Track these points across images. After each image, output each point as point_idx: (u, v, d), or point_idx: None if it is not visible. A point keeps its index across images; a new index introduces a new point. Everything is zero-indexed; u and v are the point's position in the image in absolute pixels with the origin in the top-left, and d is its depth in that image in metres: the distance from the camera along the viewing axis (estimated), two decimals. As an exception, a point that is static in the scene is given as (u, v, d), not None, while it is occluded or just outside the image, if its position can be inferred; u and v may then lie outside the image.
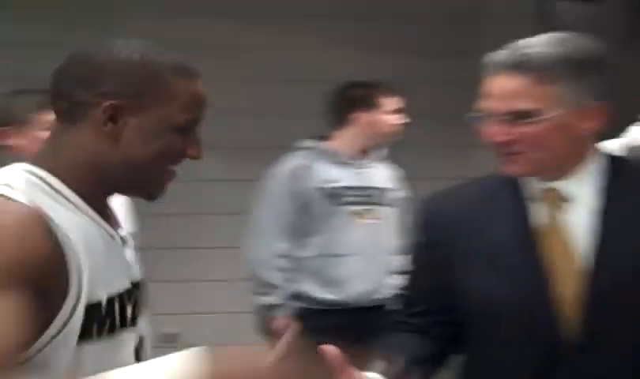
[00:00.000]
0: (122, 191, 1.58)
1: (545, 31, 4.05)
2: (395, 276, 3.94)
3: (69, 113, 1.49)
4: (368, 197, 3.82)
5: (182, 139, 1.51)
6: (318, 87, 4.88)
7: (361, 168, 3.85)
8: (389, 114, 3.83)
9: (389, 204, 3.89)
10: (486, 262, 1.80)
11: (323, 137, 3.86)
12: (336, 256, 3.75)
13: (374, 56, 4.97)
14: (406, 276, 2.02)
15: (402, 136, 3.90)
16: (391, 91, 3.86)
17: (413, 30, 5.07)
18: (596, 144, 1.83)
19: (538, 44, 1.77)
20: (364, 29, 5.03)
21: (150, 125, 1.48)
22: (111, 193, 1.56)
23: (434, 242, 1.90)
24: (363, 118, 3.82)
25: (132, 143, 1.47)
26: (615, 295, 1.72)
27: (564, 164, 1.79)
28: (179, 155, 1.52)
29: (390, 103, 3.84)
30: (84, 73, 1.48)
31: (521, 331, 1.78)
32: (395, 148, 3.95)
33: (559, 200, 1.80)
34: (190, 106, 1.51)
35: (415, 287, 1.99)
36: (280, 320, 3.67)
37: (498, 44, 5.57)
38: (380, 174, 3.91)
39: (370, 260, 3.79)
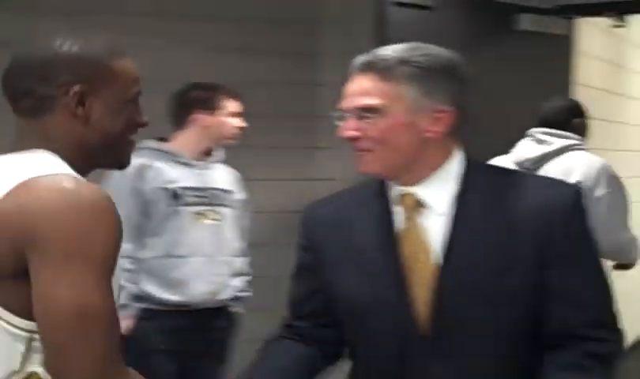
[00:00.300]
0: (100, 165, 1.73)
1: (381, 36, 4.16)
2: (237, 278, 3.97)
3: (35, 108, 1.65)
4: (210, 197, 3.83)
5: (136, 110, 1.74)
6: (159, 87, 4.84)
7: (202, 169, 3.85)
8: (229, 116, 3.85)
9: (231, 206, 3.91)
10: (353, 265, 1.91)
11: (163, 139, 3.85)
12: (177, 257, 3.73)
13: (216, 57, 4.96)
14: (292, 280, 2.10)
15: (241, 138, 3.93)
16: (232, 93, 3.88)
17: (253, 32, 5.09)
18: (456, 151, 1.92)
19: (391, 49, 1.87)
20: (206, 30, 5.02)
21: (111, 103, 1.68)
22: (91, 169, 1.72)
23: (311, 246, 2.00)
24: (204, 119, 3.82)
25: (102, 120, 1.67)
26: (460, 295, 1.81)
27: (415, 168, 1.87)
28: (138, 125, 1.74)
29: (231, 105, 3.86)
30: (39, 70, 1.64)
31: (382, 329, 1.87)
32: (233, 150, 3.97)
33: (415, 204, 1.89)
34: (133, 80, 1.73)
35: (297, 290, 2.08)
36: (123, 320, 3.63)
37: (336, 47, 5.73)
38: (221, 176, 3.92)
39: (211, 261, 3.80)
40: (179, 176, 3.77)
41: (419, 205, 1.89)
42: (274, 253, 3.99)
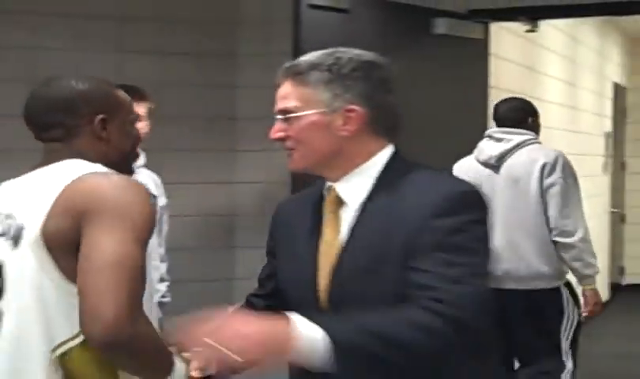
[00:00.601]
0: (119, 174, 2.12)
1: (298, 38, 4.18)
2: (161, 283, 3.94)
3: (64, 135, 2.13)
4: None
5: (136, 129, 2.26)
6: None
7: None
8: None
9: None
10: (290, 251, 2.15)
11: None
12: None
13: (133, 59, 4.92)
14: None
15: (161, 141, 3.89)
16: (140, 95, 3.69)
17: (170, 33, 5.06)
18: (383, 149, 2.06)
19: (308, 55, 2.05)
20: (122, 31, 4.98)
21: (124, 126, 2.19)
22: None
23: (272, 235, 2.26)
24: None
25: (119, 140, 2.18)
26: (351, 275, 2.00)
27: (337, 165, 2.04)
28: (139, 140, 2.28)
29: (137, 108, 3.73)
30: (64, 106, 2.13)
31: (300, 304, 2.02)
32: (153, 153, 3.93)
33: (335, 198, 2.07)
34: (131, 106, 2.24)
35: (262, 272, 2.32)
36: None
37: (253, 49, 5.72)
38: (145, 180, 3.87)
39: None
40: None
41: (338, 199, 2.06)
42: (199, 257, 3.97)
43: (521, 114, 4.56)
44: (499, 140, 4.43)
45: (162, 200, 3.94)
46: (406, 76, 4.60)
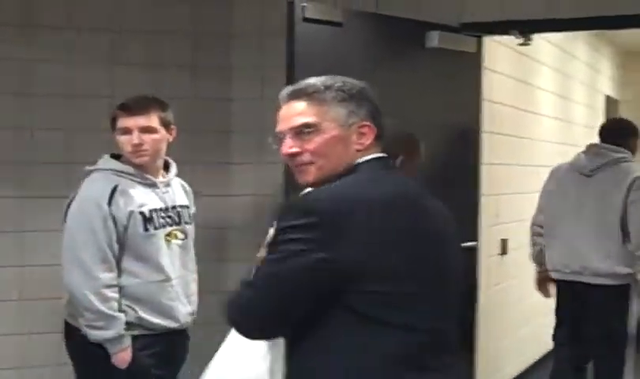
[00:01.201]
0: None
1: (292, 52, 4.18)
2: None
3: None
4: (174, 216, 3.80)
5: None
6: (62, 101, 4.78)
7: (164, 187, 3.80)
8: (122, 133, 3.66)
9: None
10: None
11: (115, 155, 3.72)
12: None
13: (126, 72, 4.92)
14: None
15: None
16: (125, 108, 3.67)
17: (164, 45, 5.06)
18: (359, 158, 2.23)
19: (312, 79, 2.24)
20: (115, 43, 4.97)
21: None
22: None
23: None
24: (114, 138, 3.68)
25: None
26: None
27: (341, 175, 2.19)
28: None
29: (122, 121, 3.66)
30: None
31: None
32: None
33: None
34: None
35: None
36: (125, 352, 3.58)
37: (246, 62, 5.70)
38: (174, 188, 3.87)
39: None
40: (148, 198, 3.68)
41: None
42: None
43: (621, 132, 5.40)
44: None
45: (192, 209, 3.93)
46: (399, 89, 4.62)
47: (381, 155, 2.24)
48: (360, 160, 2.21)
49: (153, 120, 3.67)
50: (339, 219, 2.02)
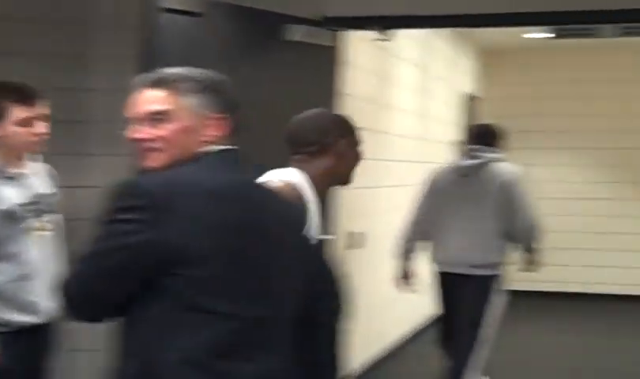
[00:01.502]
0: None
1: (151, 41, 4.13)
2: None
3: None
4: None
5: None
6: None
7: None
8: (18, 124, 3.61)
9: None
10: None
11: None
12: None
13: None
14: None
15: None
16: (23, 96, 3.65)
17: (17, 32, 4.92)
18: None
19: (171, 69, 2.31)
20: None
21: None
22: None
23: None
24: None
25: None
26: None
27: (177, 163, 2.26)
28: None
29: (19, 111, 3.62)
30: None
31: None
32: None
33: None
34: None
35: None
36: None
37: (105, 52, 5.60)
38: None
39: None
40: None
41: None
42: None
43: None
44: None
45: (57, 196, 3.89)
46: (256, 82, 4.63)
47: (229, 147, 2.31)
48: (204, 151, 2.27)
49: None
50: (166, 203, 2.10)
